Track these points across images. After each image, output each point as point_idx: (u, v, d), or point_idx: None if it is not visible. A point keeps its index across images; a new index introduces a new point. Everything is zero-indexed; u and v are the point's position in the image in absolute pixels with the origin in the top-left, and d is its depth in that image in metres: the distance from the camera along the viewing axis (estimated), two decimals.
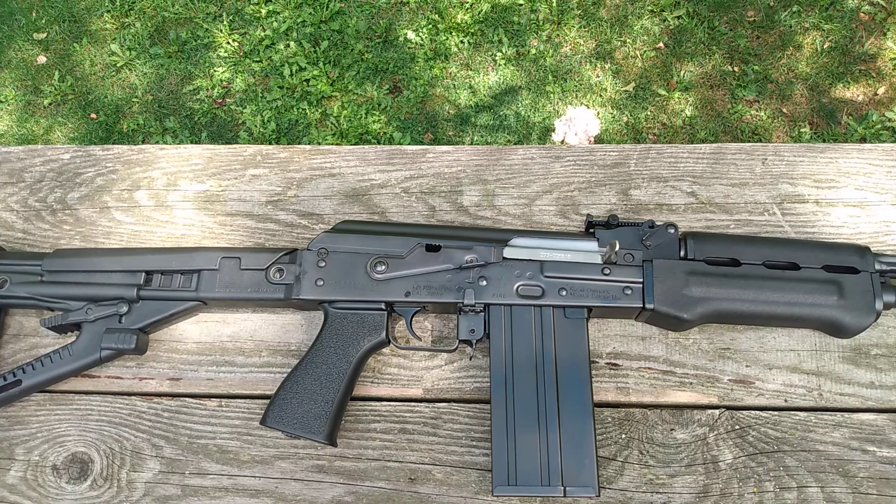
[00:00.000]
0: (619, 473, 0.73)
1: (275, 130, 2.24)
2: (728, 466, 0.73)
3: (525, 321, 0.74)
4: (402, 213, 0.87)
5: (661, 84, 2.25)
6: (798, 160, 0.87)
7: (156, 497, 0.75)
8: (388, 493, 0.74)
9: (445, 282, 0.74)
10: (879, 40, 2.23)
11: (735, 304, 0.72)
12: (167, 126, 2.30)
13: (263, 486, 0.75)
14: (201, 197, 0.89)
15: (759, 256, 0.74)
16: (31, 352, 0.82)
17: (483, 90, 2.28)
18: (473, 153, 0.90)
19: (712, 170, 0.87)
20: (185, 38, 2.40)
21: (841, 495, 0.71)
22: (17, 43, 2.46)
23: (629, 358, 0.78)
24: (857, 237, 0.83)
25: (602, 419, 0.75)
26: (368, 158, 0.90)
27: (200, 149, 0.92)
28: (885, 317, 0.78)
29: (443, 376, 0.79)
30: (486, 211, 0.86)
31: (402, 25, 2.37)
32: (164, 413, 0.78)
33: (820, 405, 0.76)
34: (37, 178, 0.91)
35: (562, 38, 2.33)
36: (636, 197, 0.86)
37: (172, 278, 0.77)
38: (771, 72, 2.22)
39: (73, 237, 0.87)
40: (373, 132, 2.22)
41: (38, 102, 2.38)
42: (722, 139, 2.15)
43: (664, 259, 0.74)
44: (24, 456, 0.77)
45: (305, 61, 2.31)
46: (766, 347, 0.78)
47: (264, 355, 0.80)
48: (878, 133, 2.09)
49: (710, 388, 0.77)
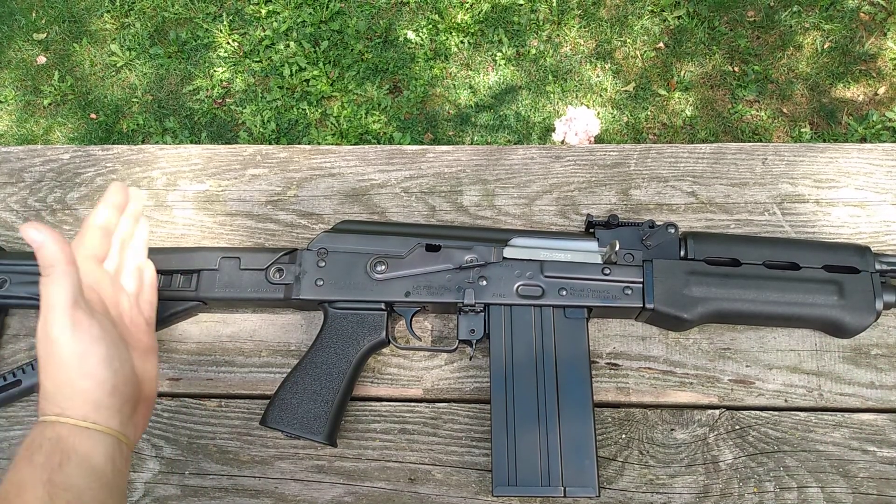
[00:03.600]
0: (619, 473, 0.73)
1: (275, 130, 2.24)
2: (728, 466, 0.73)
3: (525, 321, 0.74)
4: (402, 213, 0.87)
5: (662, 84, 2.25)
6: (798, 160, 0.87)
7: (155, 497, 0.75)
8: (388, 493, 0.74)
9: (445, 282, 0.74)
10: (880, 40, 2.23)
11: (735, 304, 0.72)
12: (167, 126, 2.30)
13: (263, 487, 0.75)
14: (201, 197, 0.89)
15: (759, 256, 0.74)
16: (31, 352, 0.82)
17: (483, 90, 2.28)
18: (473, 153, 0.90)
19: (712, 170, 0.87)
20: (185, 38, 2.40)
21: (841, 495, 0.71)
22: (17, 43, 2.46)
23: (629, 358, 0.78)
24: (857, 237, 0.82)
25: (602, 419, 0.75)
26: (368, 158, 0.90)
27: (200, 149, 0.92)
28: (885, 317, 0.78)
29: (443, 376, 0.78)
30: (486, 211, 0.86)
31: (402, 25, 2.37)
32: (163, 413, 0.78)
33: (820, 405, 0.76)
34: (36, 178, 0.91)
35: (562, 38, 2.33)
36: (636, 197, 0.86)
37: (172, 278, 0.77)
38: (771, 72, 2.22)
39: (72, 237, 0.87)
40: (373, 132, 2.22)
41: (37, 102, 2.38)
42: (722, 139, 2.15)
43: (664, 259, 0.74)
44: None
45: (305, 61, 2.31)
46: (766, 347, 0.78)
47: (264, 355, 0.80)
48: (879, 133, 2.09)
49: (710, 388, 0.76)
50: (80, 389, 0.56)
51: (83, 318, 0.57)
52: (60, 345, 0.56)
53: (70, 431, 0.55)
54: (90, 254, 0.66)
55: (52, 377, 0.57)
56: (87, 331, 0.57)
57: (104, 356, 0.57)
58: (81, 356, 0.56)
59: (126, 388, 0.60)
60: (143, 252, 0.72)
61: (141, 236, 0.72)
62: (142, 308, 0.70)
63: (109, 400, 0.58)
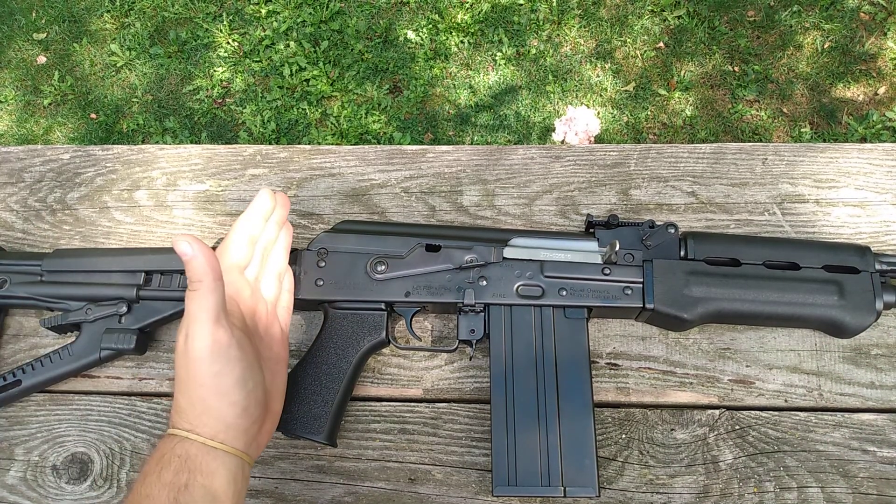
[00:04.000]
0: (619, 473, 0.73)
1: (275, 130, 2.24)
2: (728, 466, 0.73)
3: (525, 321, 0.74)
4: (402, 213, 0.87)
5: (662, 84, 2.25)
6: (798, 160, 0.87)
7: None
8: (388, 493, 0.74)
9: (445, 282, 0.74)
10: (880, 40, 2.23)
11: (735, 304, 0.72)
12: (167, 126, 2.30)
13: (263, 486, 0.75)
14: (201, 197, 0.89)
15: (759, 256, 0.74)
16: (31, 352, 0.82)
17: (483, 90, 2.28)
18: (473, 153, 0.90)
19: (712, 170, 0.87)
20: (184, 38, 2.40)
21: (841, 495, 0.71)
22: (17, 43, 2.46)
23: (629, 358, 0.78)
24: (857, 237, 0.82)
25: (602, 419, 0.75)
26: (368, 158, 0.90)
27: (200, 149, 0.92)
28: (885, 317, 0.78)
29: (443, 376, 0.78)
30: (486, 211, 0.86)
31: (402, 25, 2.37)
32: (163, 413, 0.78)
33: (820, 405, 0.76)
34: (36, 178, 0.91)
35: (562, 37, 2.33)
36: (636, 197, 0.86)
37: (172, 278, 0.77)
38: (771, 71, 2.22)
39: (72, 237, 0.87)
40: (373, 132, 2.22)
41: (37, 102, 2.38)
42: (722, 139, 2.16)
43: (664, 259, 0.74)
44: (24, 456, 0.77)
45: (305, 61, 2.31)
46: (766, 347, 0.78)
47: None
48: (879, 133, 2.09)
49: (710, 388, 0.76)
50: (213, 408, 0.57)
51: (223, 336, 0.57)
52: (199, 363, 0.56)
53: (199, 450, 0.56)
54: (233, 263, 0.67)
55: (186, 393, 0.58)
56: (226, 351, 0.57)
57: (239, 377, 0.58)
58: (217, 376, 0.57)
59: (255, 410, 0.61)
60: (285, 258, 0.72)
61: (283, 242, 0.72)
62: (279, 315, 0.70)
63: (239, 421, 0.59)
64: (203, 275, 0.56)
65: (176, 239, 0.55)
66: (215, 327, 0.56)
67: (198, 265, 0.55)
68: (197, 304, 0.56)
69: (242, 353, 0.59)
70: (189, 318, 0.57)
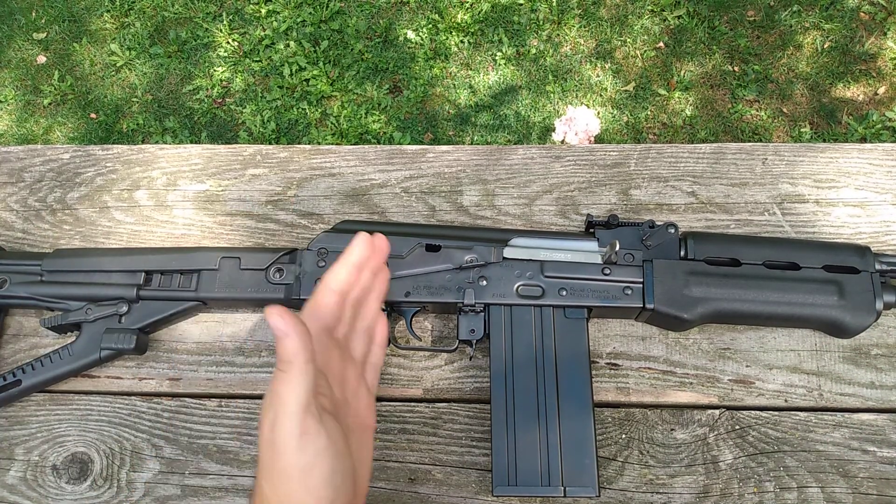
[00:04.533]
0: (619, 473, 0.73)
1: (275, 130, 2.24)
2: (728, 466, 0.73)
3: (525, 321, 0.74)
4: (402, 213, 0.87)
5: (662, 84, 2.25)
6: (798, 160, 0.87)
7: (156, 497, 0.75)
8: (388, 493, 0.74)
9: (445, 282, 0.74)
10: (880, 40, 2.23)
11: (735, 304, 0.72)
12: (167, 126, 2.30)
13: None
14: (201, 197, 0.89)
15: (759, 256, 0.74)
16: (31, 352, 0.82)
17: (483, 90, 2.28)
18: (473, 153, 0.90)
19: (712, 170, 0.87)
20: (184, 38, 2.40)
21: (841, 495, 0.71)
22: (17, 43, 2.46)
23: (629, 358, 0.78)
24: (857, 237, 0.82)
25: (602, 419, 0.75)
26: (368, 158, 0.90)
27: (200, 148, 0.92)
28: (885, 317, 0.78)
29: (443, 376, 0.79)
30: (486, 211, 0.86)
31: (401, 25, 2.37)
32: (163, 413, 0.78)
33: (820, 405, 0.76)
34: (36, 177, 0.91)
35: (562, 37, 2.33)
36: (636, 197, 0.86)
37: (172, 278, 0.77)
38: (771, 71, 2.22)
39: (72, 237, 0.87)
40: (373, 132, 2.22)
41: (37, 102, 2.38)
42: (722, 139, 2.16)
43: (664, 259, 0.74)
44: (24, 456, 0.77)
45: (305, 61, 2.31)
46: (766, 347, 0.78)
47: (264, 355, 0.80)
48: (879, 133, 2.09)
49: (710, 388, 0.76)
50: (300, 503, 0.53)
51: (312, 425, 0.52)
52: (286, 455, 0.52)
53: None
54: (322, 325, 0.61)
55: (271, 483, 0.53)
56: (314, 441, 0.52)
57: (328, 473, 0.53)
58: (305, 470, 0.52)
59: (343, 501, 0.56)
60: (377, 307, 0.67)
61: (378, 291, 0.66)
62: (367, 376, 0.65)
63: None
64: (294, 356, 0.51)
65: (269, 311, 0.50)
66: (304, 415, 0.51)
67: (290, 345, 0.50)
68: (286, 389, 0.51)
69: (330, 441, 0.53)
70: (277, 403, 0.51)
